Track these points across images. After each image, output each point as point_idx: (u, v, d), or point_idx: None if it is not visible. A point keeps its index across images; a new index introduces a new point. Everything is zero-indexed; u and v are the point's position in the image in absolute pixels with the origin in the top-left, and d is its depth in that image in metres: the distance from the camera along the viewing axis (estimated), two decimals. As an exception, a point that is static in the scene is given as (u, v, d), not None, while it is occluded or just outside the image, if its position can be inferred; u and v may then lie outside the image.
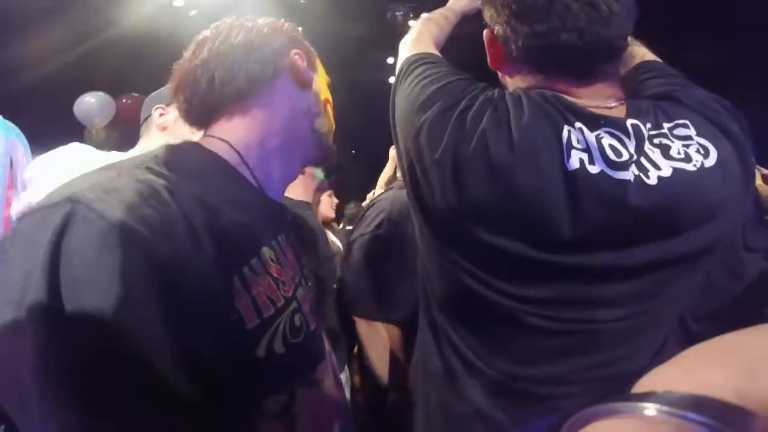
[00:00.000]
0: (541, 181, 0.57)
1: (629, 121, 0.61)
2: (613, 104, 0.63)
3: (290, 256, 0.58)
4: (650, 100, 0.66)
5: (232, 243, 0.45)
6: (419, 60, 0.73)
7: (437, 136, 0.61)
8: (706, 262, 0.63)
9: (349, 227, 3.34)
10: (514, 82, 0.70)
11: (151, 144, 1.17)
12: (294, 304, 0.53)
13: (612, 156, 0.58)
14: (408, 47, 0.79)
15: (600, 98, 0.63)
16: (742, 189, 0.61)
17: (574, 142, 0.58)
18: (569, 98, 0.62)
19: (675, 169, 0.58)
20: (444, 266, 0.69)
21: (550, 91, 0.63)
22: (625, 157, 0.58)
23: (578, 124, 0.59)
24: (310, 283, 0.63)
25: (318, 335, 0.58)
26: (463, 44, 0.91)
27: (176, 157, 0.50)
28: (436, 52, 0.78)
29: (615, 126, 0.60)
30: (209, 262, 0.42)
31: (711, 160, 0.59)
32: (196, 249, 0.41)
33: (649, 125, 0.61)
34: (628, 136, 0.59)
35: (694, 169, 0.58)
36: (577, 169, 0.56)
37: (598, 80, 0.64)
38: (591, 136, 0.59)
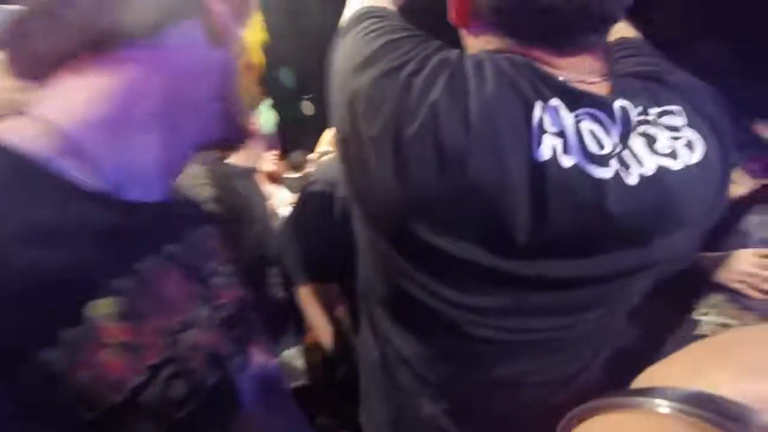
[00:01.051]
0: (501, 174, 0.45)
1: (617, 103, 0.49)
2: (596, 79, 0.51)
3: (175, 277, 0.41)
4: (638, 79, 0.54)
5: (20, 315, 0.29)
6: (366, 13, 0.58)
7: (376, 105, 0.48)
8: (668, 269, 0.57)
9: (295, 175, 3.19)
10: (478, 44, 0.55)
11: None
12: (168, 370, 0.37)
13: (592, 146, 0.47)
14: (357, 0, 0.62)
15: (581, 71, 0.51)
16: (718, 193, 0.53)
17: (547, 125, 0.46)
18: (544, 68, 0.50)
19: (659, 168, 0.48)
20: (382, 264, 0.58)
21: (521, 57, 0.50)
22: (608, 148, 0.47)
23: (554, 102, 0.47)
24: (227, 295, 0.47)
25: (227, 383, 0.43)
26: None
27: None
28: (390, 6, 0.62)
29: (600, 107, 0.48)
30: None
31: (696, 158, 0.50)
32: None
33: (639, 109, 0.50)
34: (614, 121, 0.48)
35: (679, 168, 0.49)
36: (547, 161, 0.45)
37: (584, 53, 0.51)
38: (569, 118, 0.47)
